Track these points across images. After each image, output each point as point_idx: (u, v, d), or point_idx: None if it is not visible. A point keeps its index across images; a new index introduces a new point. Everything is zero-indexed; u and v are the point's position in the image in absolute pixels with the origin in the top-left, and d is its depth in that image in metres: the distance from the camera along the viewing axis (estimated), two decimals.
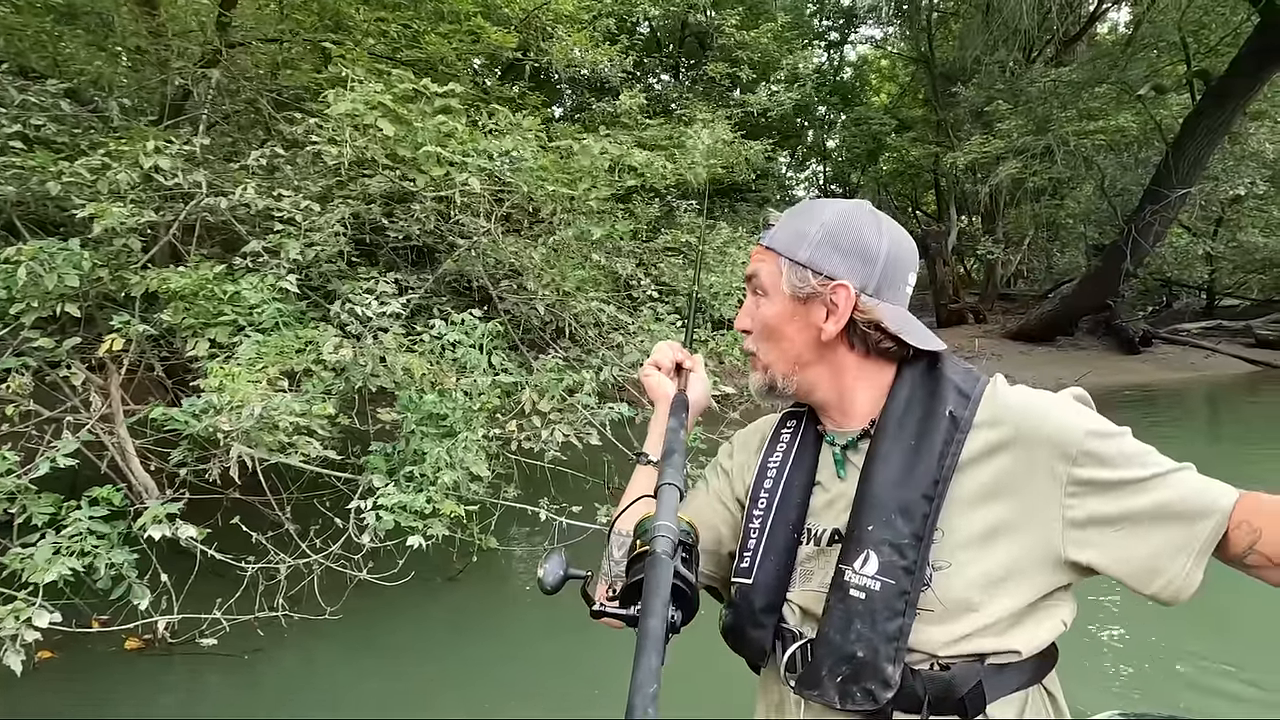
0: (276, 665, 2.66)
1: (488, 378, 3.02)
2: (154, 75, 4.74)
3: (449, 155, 2.73)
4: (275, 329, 2.61)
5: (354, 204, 3.06)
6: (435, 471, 2.45)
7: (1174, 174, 8.76)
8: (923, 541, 0.68)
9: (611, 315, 3.76)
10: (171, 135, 3.95)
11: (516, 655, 2.82)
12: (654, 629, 0.53)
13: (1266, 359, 10.56)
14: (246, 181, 3.21)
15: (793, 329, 0.78)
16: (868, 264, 0.75)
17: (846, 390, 0.78)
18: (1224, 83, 8.13)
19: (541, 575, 0.69)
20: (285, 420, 2.11)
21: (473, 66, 7.20)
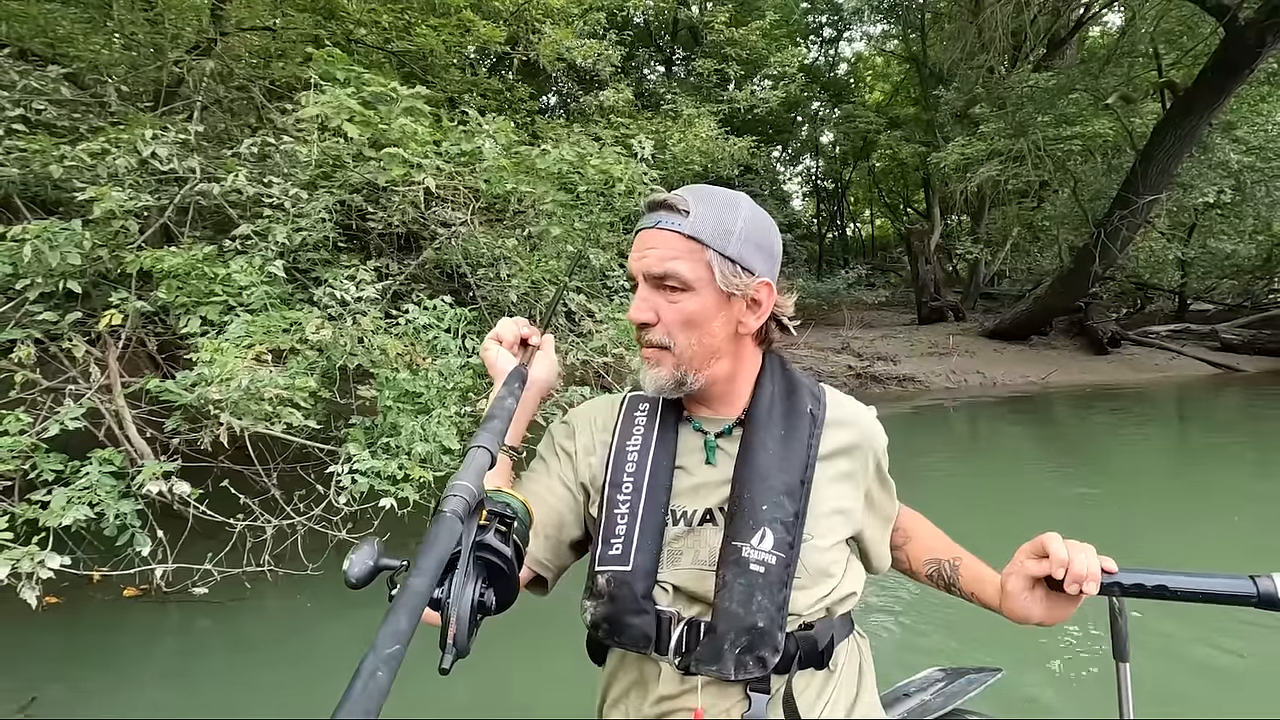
0: (261, 613, 2.94)
1: (460, 359, 3.28)
2: (151, 61, 4.92)
3: (409, 156, 2.95)
4: (263, 309, 2.85)
5: (337, 193, 3.29)
6: (409, 443, 2.71)
7: (1143, 181, 9.07)
8: (799, 519, 0.75)
9: (581, 304, 4.01)
10: (167, 122, 4.16)
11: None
12: (415, 586, 0.47)
13: (1228, 363, 10.95)
14: (238, 169, 3.43)
15: (717, 323, 0.78)
16: (773, 261, 0.80)
17: (739, 380, 0.82)
18: (1191, 93, 8.41)
19: (346, 567, 0.55)
20: (270, 392, 2.36)
21: (467, 58, 7.36)
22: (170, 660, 2.68)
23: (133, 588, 2.91)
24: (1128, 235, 9.53)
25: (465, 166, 3.25)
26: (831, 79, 18.95)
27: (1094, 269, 9.87)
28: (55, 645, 2.70)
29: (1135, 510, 4.47)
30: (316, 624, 3.01)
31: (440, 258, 4.08)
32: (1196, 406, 8.94)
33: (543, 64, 6.71)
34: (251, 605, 2.96)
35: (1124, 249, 9.96)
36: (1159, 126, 8.98)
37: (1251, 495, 4.81)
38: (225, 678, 2.52)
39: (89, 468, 2.30)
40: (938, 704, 1.10)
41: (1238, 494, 4.83)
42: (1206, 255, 12.50)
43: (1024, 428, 7.78)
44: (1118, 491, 4.95)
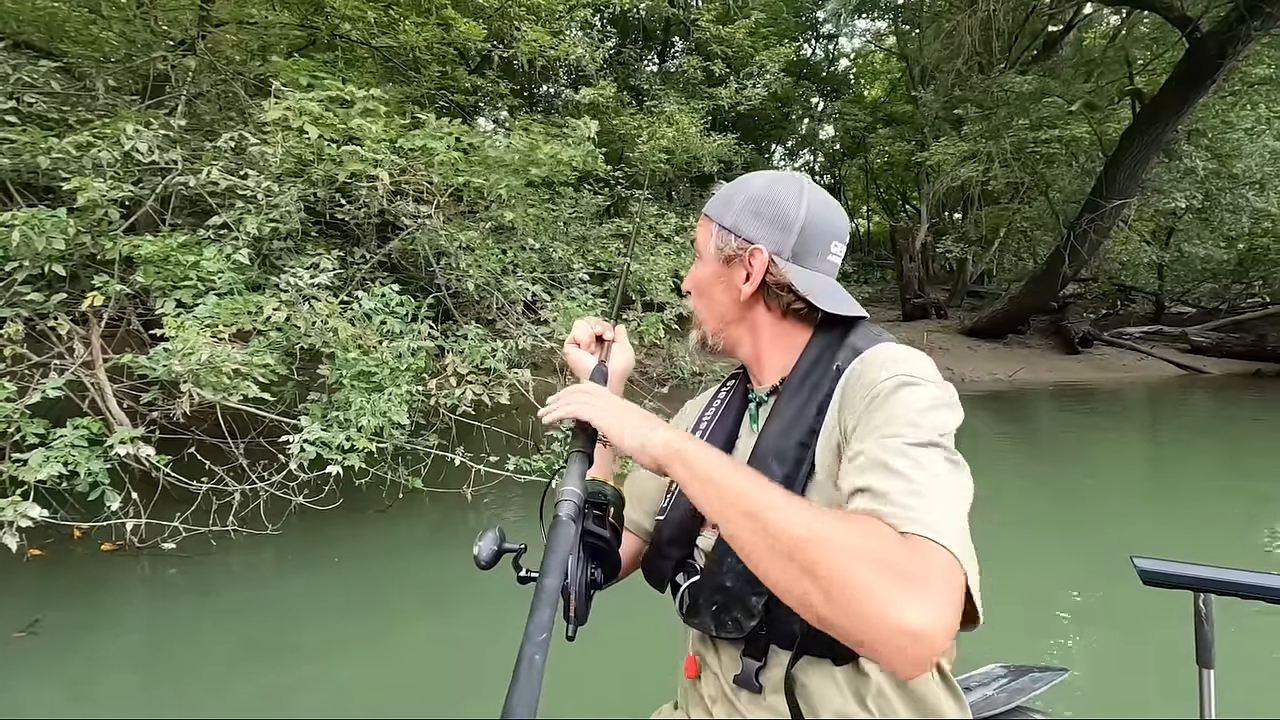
0: (225, 567, 3.26)
1: (414, 343, 3.58)
2: (142, 55, 5.17)
3: (365, 153, 3.24)
4: (230, 293, 3.14)
5: (304, 187, 3.57)
6: (358, 417, 3.02)
7: (1112, 186, 9.30)
8: (795, 483, 0.72)
9: (537, 294, 4.30)
10: (151, 116, 4.42)
11: (427, 573, 3.42)
12: (549, 586, 0.56)
13: (1193, 364, 11.23)
14: (212, 163, 3.71)
15: (719, 289, 0.83)
16: (784, 231, 0.79)
17: (763, 350, 0.83)
18: (1156, 101, 8.63)
19: (476, 552, 0.70)
20: (228, 366, 2.65)
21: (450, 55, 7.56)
22: (143, 602, 3.02)
23: (109, 543, 3.22)
24: (1095, 239, 9.77)
25: (419, 161, 3.53)
26: (830, 75, 19.03)
27: (1063, 270, 10.12)
28: (43, 587, 3.03)
29: (1078, 502, 4.78)
30: (276, 574, 3.34)
31: (406, 247, 4.37)
32: (1149, 405, 9.23)
33: (521, 62, 6.93)
34: (216, 560, 3.28)
35: (1092, 252, 10.21)
36: (1127, 133, 9.21)
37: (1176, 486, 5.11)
38: (191, 616, 2.86)
39: (65, 431, 2.60)
40: (1001, 700, 1.06)
41: (1181, 484, 5.14)
42: (1182, 259, 12.74)
43: (981, 422, 8.08)
44: (1061, 480, 5.27)
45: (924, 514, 0.58)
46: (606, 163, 7.41)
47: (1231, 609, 0.78)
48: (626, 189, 6.79)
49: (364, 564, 3.44)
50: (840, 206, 0.83)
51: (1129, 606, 2.85)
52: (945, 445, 0.63)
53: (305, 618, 2.86)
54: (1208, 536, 3.95)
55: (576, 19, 8.79)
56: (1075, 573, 3.42)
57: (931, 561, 0.57)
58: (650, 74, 11.21)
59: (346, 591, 3.15)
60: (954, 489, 0.61)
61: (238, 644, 2.65)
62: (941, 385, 0.69)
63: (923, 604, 0.54)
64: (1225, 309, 13.89)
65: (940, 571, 0.56)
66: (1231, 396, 9.63)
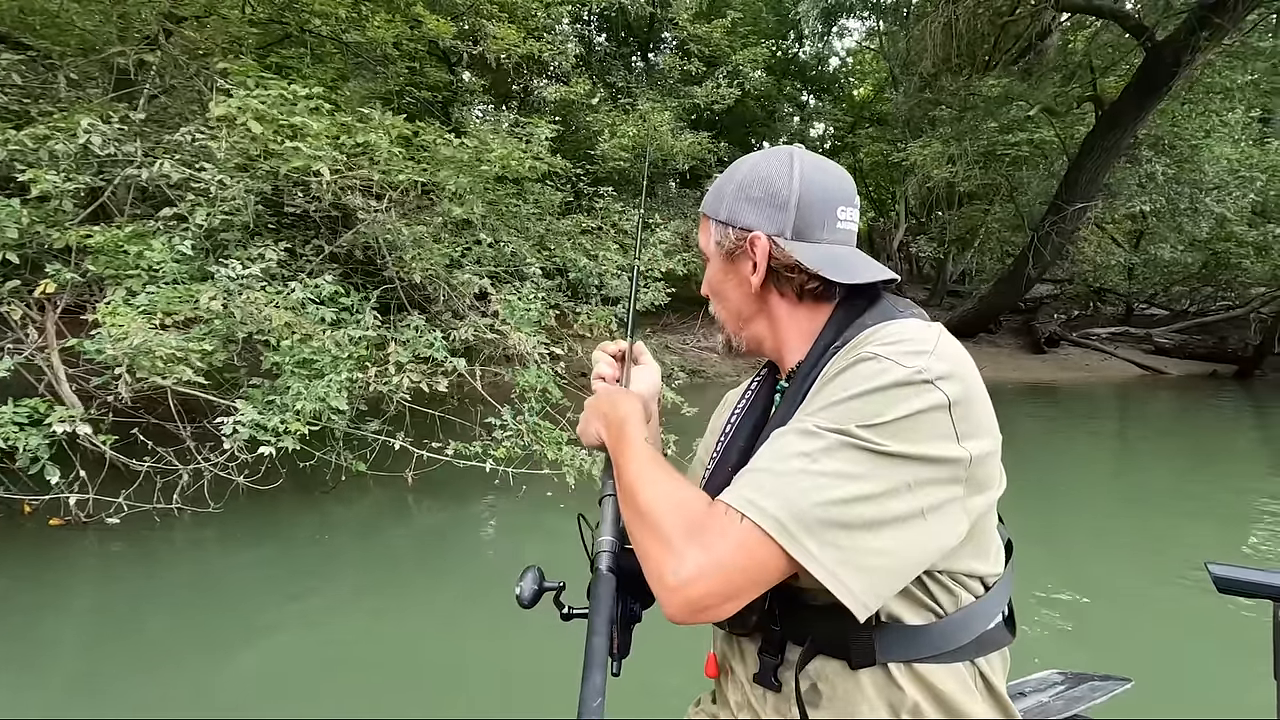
0: (169, 542, 3.44)
1: (356, 332, 3.76)
2: (103, 49, 5.29)
3: (307, 150, 3.40)
4: (173, 283, 3.30)
5: (254, 181, 3.72)
6: (294, 401, 3.19)
7: (1074, 189, 9.52)
8: None
9: (484, 288, 4.47)
10: (112, 109, 4.56)
11: (367, 548, 3.61)
12: (598, 647, 0.57)
13: (1154, 365, 11.50)
14: (164, 157, 3.86)
15: (729, 287, 0.79)
16: (780, 209, 0.74)
17: (783, 340, 0.78)
18: (1115, 107, 8.85)
19: (519, 593, 0.72)
20: (161, 351, 2.82)
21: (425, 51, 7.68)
22: (90, 572, 3.20)
23: (57, 518, 3.40)
24: (1058, 241, 9.99)
25: (363, 158, 3.69)
26: (819, 74, 19.12)
27: (1028, 271, 10.35)
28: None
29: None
30: (219, 550, 3.52)
31: (358, 240, 4.53)
32: (1107, 403, 9.49)
33: (491, 60, 7.07)
34: (161, 536, 3.46)
35: (1056, 254, 10.43)
36: (1088, 138, 9.42)
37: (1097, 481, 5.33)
38: (136, 587, 3.04)
39: (5, 409, 2.76)
40: (1058, 707, 1.02)
41: (1122, 482, 5.35)
42: (1150, 262, 12.99)
43: None
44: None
45: (750, 488, 0.59)
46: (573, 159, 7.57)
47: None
48: (589, 185, 6.93)
49: (306, 542, 3.62)
50: (841, 169, 0.77)
51: (1199, 614, 2.80)
52: (858, 433, 0.58)
53: (245, 593, 3.05)
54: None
55: (554, 16, 8.91)
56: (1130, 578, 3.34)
57: (721, 527, 0.58)
58: (626, 72, 11.32)
59: (288, 567, 3.33)
60: (825, 475, 0.57)
61: (178, 617, 2.83)
62: (911, 368, 0.61)
63: (687, 561, 0.57)
64: (1194, 311, 14.16)
65: (726, 537, 0.57)
66: (1193, 398, 9.89)
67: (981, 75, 11.17)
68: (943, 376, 0.61)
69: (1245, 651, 2.38)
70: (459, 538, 3.88)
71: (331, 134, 3.61)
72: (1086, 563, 3.63)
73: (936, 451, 0.59)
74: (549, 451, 3.94)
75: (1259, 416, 8.72)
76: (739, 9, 12.10)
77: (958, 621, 0.66)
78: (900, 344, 0.63)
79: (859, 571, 0.57)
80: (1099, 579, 3.37)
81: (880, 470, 0.57)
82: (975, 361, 0.68)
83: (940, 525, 0.59)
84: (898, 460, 0.58)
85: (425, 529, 3.96)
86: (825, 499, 0.57)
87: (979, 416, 0.63)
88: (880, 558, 0.57)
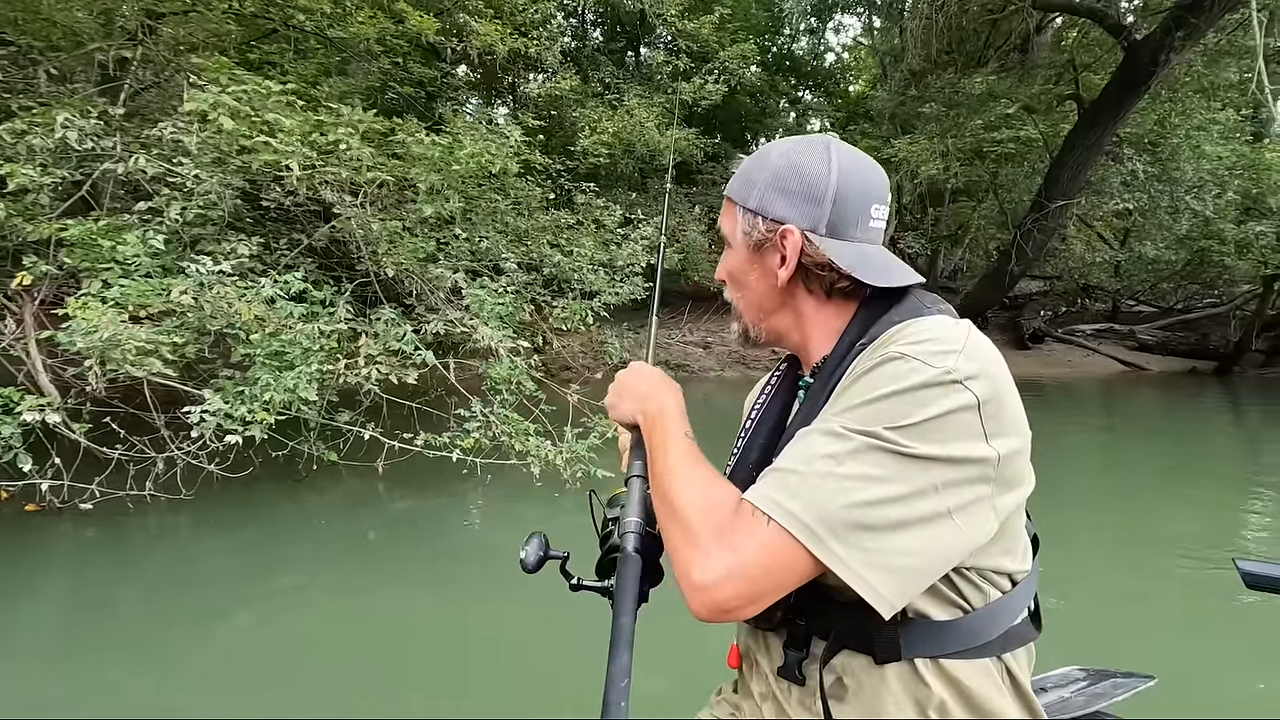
0: (142, 527, 3.55)
1: (329, 325, 3.85)
2: (85, 44, 5.36)
3: (278, 145, 3.49)
4: (146, 276, 3.39)
5: (223, 177, 3.81)
6: (262, 392, 3.29)
7: (1055, 186, 9.60)
8: None
9: (457, 282, 4.56)
10: (91, 104, 4.63)
11: (338, 535, 3.72)
12: (624, 627, 0.57)
13: (1135, 361, 11.62)
14: (140, 151, 3.94)
15: (753, 277, 0.77)
16: (815, 203, 0.72)
17: (809, 335, 0.77)
18: (1095, 106, 8.92)
19: (523, 557, 0.73)
20: (131, 343, 2.91)
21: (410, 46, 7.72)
22: (65, 557, 3.31)
23: (33, 504, 3.50)
24: (1041, 239, 10.09)
25: (331, 155, 3.78)
26: (815, 69, 19.11)
27: (1011, 268, 10.44)
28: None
29: None
30: (191, 534, 3.62)
31: (335, 234, 4.62)
32: (1091, 399, 9.60)
33: (472, 55, 7.13)
34: (134, 521, 3.56)
35: (1039, 251, 10.53)
36: (1069, 136, 9.50)
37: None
38: (108, 571, 3.14)
39: None
40: (1078, 703, 1.02)
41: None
42: (1135, 259, 13.08)
43: None
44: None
45: (775, 489, 0.60)
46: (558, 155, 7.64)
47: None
48: (571, 181, 7.01)
49: (279, 528, 3.73)
50: (876, 164, 0.76)
51: (1223, 611, 2.80)
52: (885, 435, 0.58)
53: (215, 577, 3.15)
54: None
55: (543, 12, 8.96)
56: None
57: (748, 529, 0.59)
58: (615, 68, 11.37)
59: (259, 552, 3.44)
60: (851, 478, 0.57)
61: (150, 601, 2.94)
62: (939, 368, 0.60)
63: (714, 562, 0.58)
64: (1180, 308, 14.27)
65: (753, 538, 0.58)
66: (1175, 395, 10.01)
67: (971, 72, 11.25)
68: (972, 376, 0.60)
69: (1274, 648, 2.44)
70: (429, 525, 3.98)
71: (303, 131, 3.69)
72: (1094, 557, 3.59)
73: (964, 452, 0.58)
74: (516, 443, 4.04)
75: (1236, 414, 8.85)
76: (728, 5, 12.13)
77: (984, 617, 0.65)
78: (928, 343, 0.62)
79: (885, 572, 0.57)
80: (1114, 575, 3.33)
81: (907, 472, 0.57)
82: None
83: (968, 524, 0.59)
84: (925, 462, 0.57)
85: (396, 516, 4.07)
86: (851, 501, 0.57)
87: (1008, 414, 0.62)
88: (906, 558, 0.57)
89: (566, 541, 0.82)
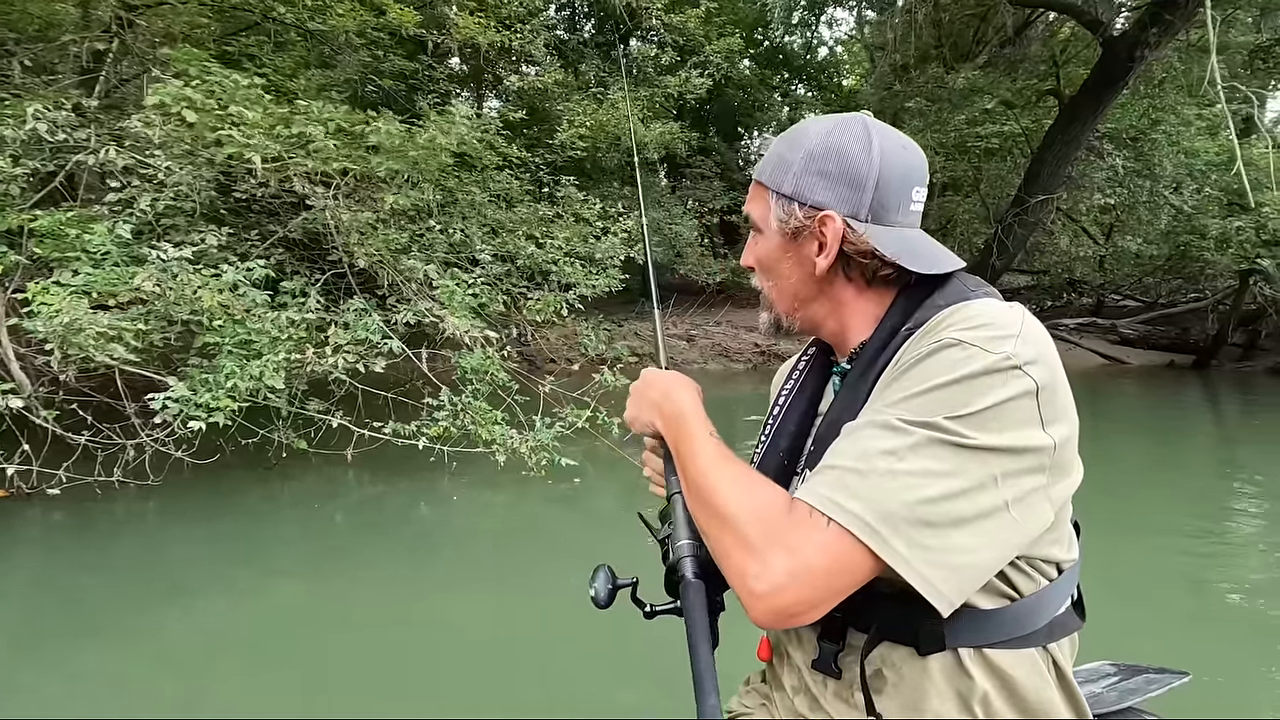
0: (109, 512, 3.62)
1: (298, 314, 3.92)
2: (62, 36, 5.38)
3: (239, 138, 3.55)
4: (114, 265, 3.45)
5: (192, 169, 3.86)
6: (227, 379, 3.36)
7: (1035, 182, 9.68)
8: None
9: (428, 273, 4.62)
10: (64, 96, 4.67)
11: (306, 521, 3.79)
12: (703, 654, 0.56)
13: (1116, 355, 11.74)
14: (110, 143, 3.99)
15: (787, 265, 0.74)
16: (856, 188, 0.69)
17: (847, 325, 0.74)
18: (1074, 101, 8.99)
19: (593, 593, 0.71)
20: (92, 330, 2.98)
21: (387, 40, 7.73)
22: (32, 543, 3.37)
23: (2, 490, 3.57)
24: (1021, 233, 10.17)
25: (296, 147, 3.84)
26: (808, 62, 19.11)
27: (992, 262, 10.52)
28: None
29: None
30: (158, 520, 3.70)
31: (307, 225, 4.68)
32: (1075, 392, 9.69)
33: (451, 48, 7.16)
34: (101, 507, 3.64)
35: (1019, 246, 10.61)
36: (1049, 131, 9.57)
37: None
38: (75, 555, 3.21)
39: None
40: (1111, 699, 1.00)
41: None
42: (1118, 254, 13.19)
43: None
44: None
45: (833, 488, 0.57)
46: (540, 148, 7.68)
47: None
48: (550, 174, 7.06)
49: (246, 514, 3.81)
50: (915, 145, 0.73)
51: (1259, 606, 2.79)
52: (946, 426, 0.56)
53: (182, 562, 3.23)
54: None
55: (529, 6, 8.96)
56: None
57: (806, 531, 0.56)
58: (601, 60, 11.39)
59: (227, 537, 3.52)
60: (912, 474, 0.55)
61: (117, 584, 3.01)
62: (999, 353, 0.58)
63: (773, 567, 0.56)
64: (1164, 303, 14.39)
65: (813, 541, 0.56)
66: (1152, 388, 10.13)
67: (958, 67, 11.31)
68: (1030, 361, 0.58)
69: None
70: (397, 511, 4.07)
71: (267, 124, 3.74)
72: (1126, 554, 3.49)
73: (1023, 441, 0.57)
74: (483, 432, 4.12)
75: (1214, 407, 8.97)
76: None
77: (1031, 605, 0.64)
78: (984, 328, 0.60)
79: (947, 570, 0.55)
80: (1142, 571, 3.29)
81: (968, 465, 0.56)
82: None
83: (1025, 516, 0.57)
84: (985, 453, 0.56)
85: (365, 503, 4.15)
86: (914, 498, 0.55)
87: (1062, 400, 0.61)
88: (967, 554, 0.56)
89: (532, 532, 0.82)
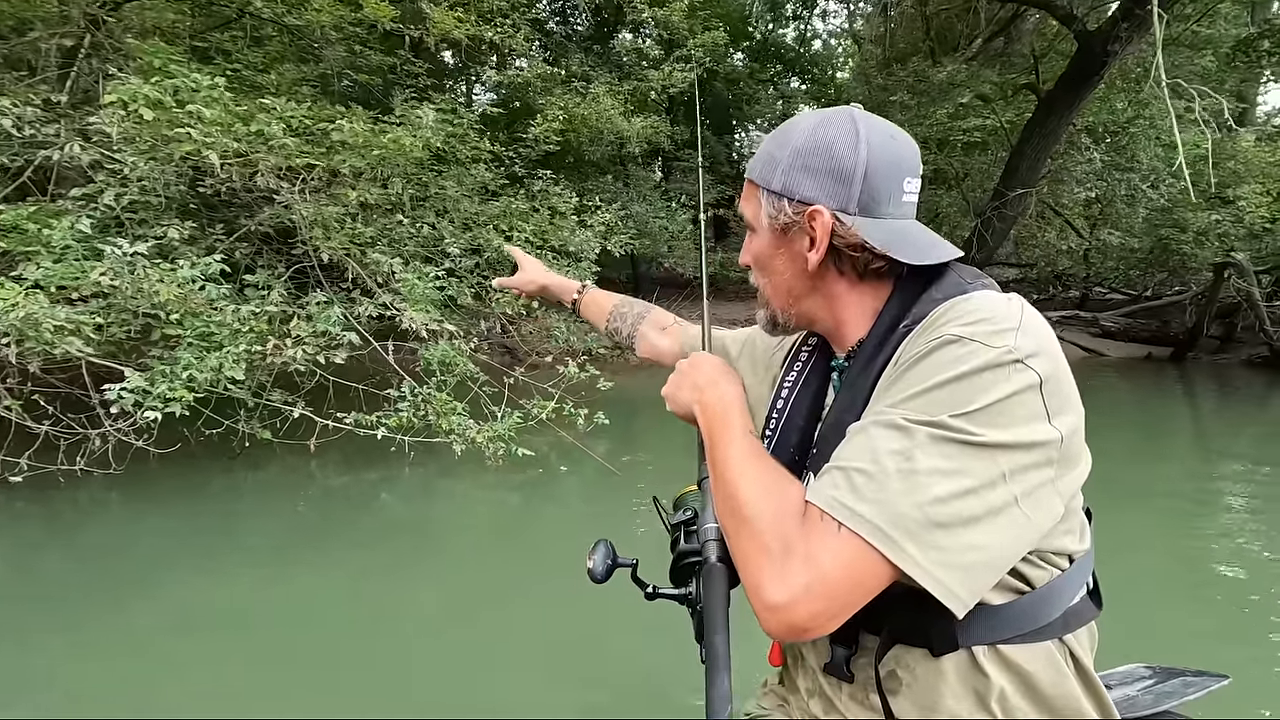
0: (72, 501, 3.71)
1: (260, 307, 4.00)
2: (31, 33, 5.43)
3: (196, 135, 3.62)
4: (76, 260, 3.53)
5: (154, 165, 3.93)
6: (184, 370, 3.44)
7: (1014, 175, 9.74)
8: None
9: (393, 266, 4.70)
10: (33, 92, 4.72)
11: (269, 510, 3.89)
12: (719, 646, 0.54)
13: (1096, 347, 11.83)
14: (74, 139, 4.06)
15: (780, 262, 0.74)
16: (843, 182, 0.69)
17: (842, 319, 0.74)
18: (1050, 95, 9.04)
19: (591, 566, 0.70)
20: (48, 323, 3.06)
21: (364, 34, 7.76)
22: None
23: None
24: (1001, 227, 10.24)
25: (260, 143, 3.92)
26: (800, 55, 19.08)
27: (973, 256, 10.59)
28: None
29: None
30: (123, 508, 3.80)
31: (273, 221, 4.75)
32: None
33: (429, 43, 7.20)
34: (64, 495, 3.73)
35: (999, 240, 10.69)
36: (1027, 125, 9.63)
37: None
38: (37, 541, 3.31)
39: None
40: (1146, 702, 0.98)
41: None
42: (1100, 248, 13.26)
43: None
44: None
45: (842, 491, 0.56)
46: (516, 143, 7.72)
47: None
48: (524, 168, 7.11)
49: (209, 503, 3.90)
50: (906, 135, 0.72)
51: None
52: (951, 425, 0.56)
53: (144, 549, 3.32)
54: None
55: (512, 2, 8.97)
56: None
57: (819, 538, 0.55)
58: (584, 55, 11.41)
59: (190, 526, 3.62)
60: (921, 474, 0.55)
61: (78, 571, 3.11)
62: (1000, 347, 0.57)
63: (785, 579, 0.55)
64: (1148, 295, 14.47)
65: (826, 548, 0.55)
66: (1132, 379, 10.23)
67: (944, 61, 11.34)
68: (1032, 354, 0.58)
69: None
70: (359, 499, 4.17)
71: (225, 122, 3.81)
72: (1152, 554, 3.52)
73: (1030, 436, 0.56)
74: (443, 422, 4.20)
75: (1189, 399, 9.07)
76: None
77: (1043, 596, 0.63)
78: (983, 322, 0.60)
79: (960, 570, 0.55)
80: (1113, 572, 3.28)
81: (975, 462, 0.55)
82: None
83: (1035, 511, 0.57)
84: (992, 450, 0.55)
85: (327, 491, 4.25)
86: (925, 499, 0.54)
87: (1066, 391, 0.60)
88: (979, 553, 0.55)
89: (491, 521, 0.87)
